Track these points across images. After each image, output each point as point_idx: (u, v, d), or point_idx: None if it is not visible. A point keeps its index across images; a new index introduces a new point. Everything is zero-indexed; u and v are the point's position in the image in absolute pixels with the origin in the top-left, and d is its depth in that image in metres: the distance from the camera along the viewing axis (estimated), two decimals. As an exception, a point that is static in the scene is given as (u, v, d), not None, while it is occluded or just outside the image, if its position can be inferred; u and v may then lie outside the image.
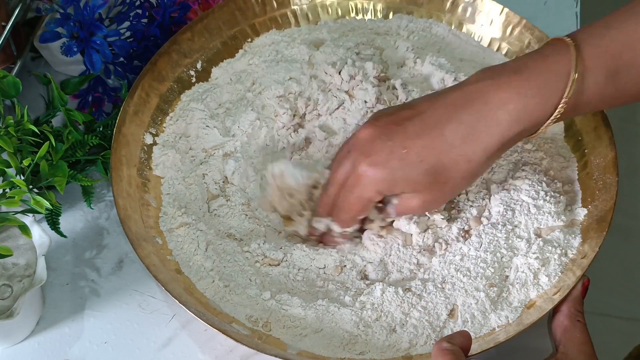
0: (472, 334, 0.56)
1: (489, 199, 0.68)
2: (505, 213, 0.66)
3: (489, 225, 0.66)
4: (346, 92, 0.74)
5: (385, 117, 0.61)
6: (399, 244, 0.66)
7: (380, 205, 0.63)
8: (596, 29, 0.58)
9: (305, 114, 0.74)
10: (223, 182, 0.71)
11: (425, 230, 0.67)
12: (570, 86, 0.56)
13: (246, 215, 0.69)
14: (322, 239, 0.68)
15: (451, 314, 0.62)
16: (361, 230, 0.67)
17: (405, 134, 0.59)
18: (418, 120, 0.59)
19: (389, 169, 0.59)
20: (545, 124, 0.58)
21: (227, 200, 0.70)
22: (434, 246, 0.66)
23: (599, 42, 0.57)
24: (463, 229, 0.67)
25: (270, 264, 0.66)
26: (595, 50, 0.56)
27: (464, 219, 0.67)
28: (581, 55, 0.56)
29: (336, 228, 0.65)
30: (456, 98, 0.59)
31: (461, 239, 0.66)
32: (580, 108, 0.58)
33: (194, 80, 0.77)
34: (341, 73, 0.74)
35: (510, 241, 0.65)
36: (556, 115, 0.58)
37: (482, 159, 0.59)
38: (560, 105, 0.57)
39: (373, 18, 0.84)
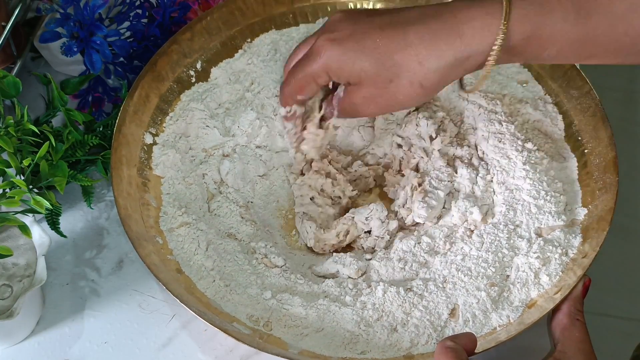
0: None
1: (493, 199, 0.69)
2: (507, 213, 0.66)
3: (490, 225, 0.66)
4: None
5: (361, 9, 0.64)
6: (410, 244, 0.66)
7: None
8: None
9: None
10: (221, 182, 0.71)
11: (437, 225, 0.67)
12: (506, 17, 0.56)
13: (242, 217, 0.69)
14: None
15: (452, 313, 0.62)
16: (303, 129, 0.69)
17: (372, 23, 0.60)
18: (387, 16, 0.60)
19: (343, 47, 0.60)
20: (495, 52, 0.58)
21: (225, 200, 0.70)
22: (439, 245, 0.66)
23: None
24: (469, 228, 0.67)
25: (273, 266, 0.66)
26: None
27: (470, 220, 0.67)
28: None
29: (281, 110, 0.68)
30: (430, 9, 0.60)
31: (466, 238, 0.66)
32: (543, 43, 0.57)
33: (193, 80, 0.77)
34: None
35: (511, 241, 0.65)
36: (509, 44, 0.57)
37: (435, 67, 0.58)
38: (518, 32, 0.56)
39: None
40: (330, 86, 0.66)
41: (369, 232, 0.70)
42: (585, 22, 0.56)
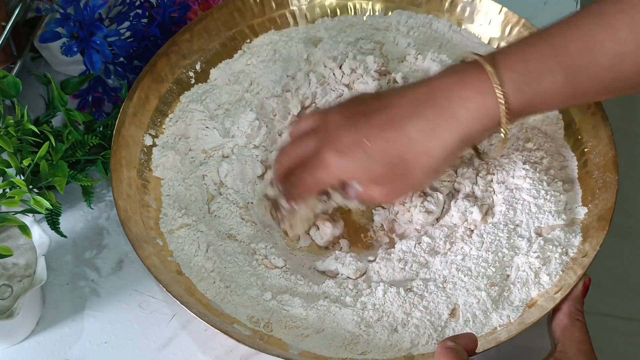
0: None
1: (493, 199, 0.68)
2: (507, 212, 0.66)
3: (490, 224, 0.66)
4: (346, 85, 0.74)
5: (355, 106, 0.63)
6: (410, 245, 0.66)
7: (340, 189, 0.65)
8: (554, 29, 0.58)
9: (305, 108, 0.74)
10: (220, 183, 0.71)
11: (437, 226, 0.67)
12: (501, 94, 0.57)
13: (242, 219, 0.69)
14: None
15: (452, 313, 0.62)
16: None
17: (371, 126, 0.60)
18: (384, 114, 0.61)
19: (352, 159, 0.61)
20: (506, 122, 0.59)
21: (225, 202, 0.70)
22: (439, 245, 0.66)
23: (559, 42, 0.57)
24: (469, 228, 0.67)
25: (273, 267, 0.66)
26: (552, 50, 0.57)
27: (469, 219, 0.67)
28: (533, 57, 0.57)
29: (284, 203, 0.66)
30: (421, 94, 0.60)
31: (466, 238, 0.66)
32: (536, 108, 0.59)
33: (192, 81, 0.77)
34: (342, 67, 0.75)
35: (512, 240, 0.65)
36: (510, 115, 0.58)
37: (442, 154, 0.60)
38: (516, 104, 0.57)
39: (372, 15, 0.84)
40: None
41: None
42: (574, 80, 0.57)
